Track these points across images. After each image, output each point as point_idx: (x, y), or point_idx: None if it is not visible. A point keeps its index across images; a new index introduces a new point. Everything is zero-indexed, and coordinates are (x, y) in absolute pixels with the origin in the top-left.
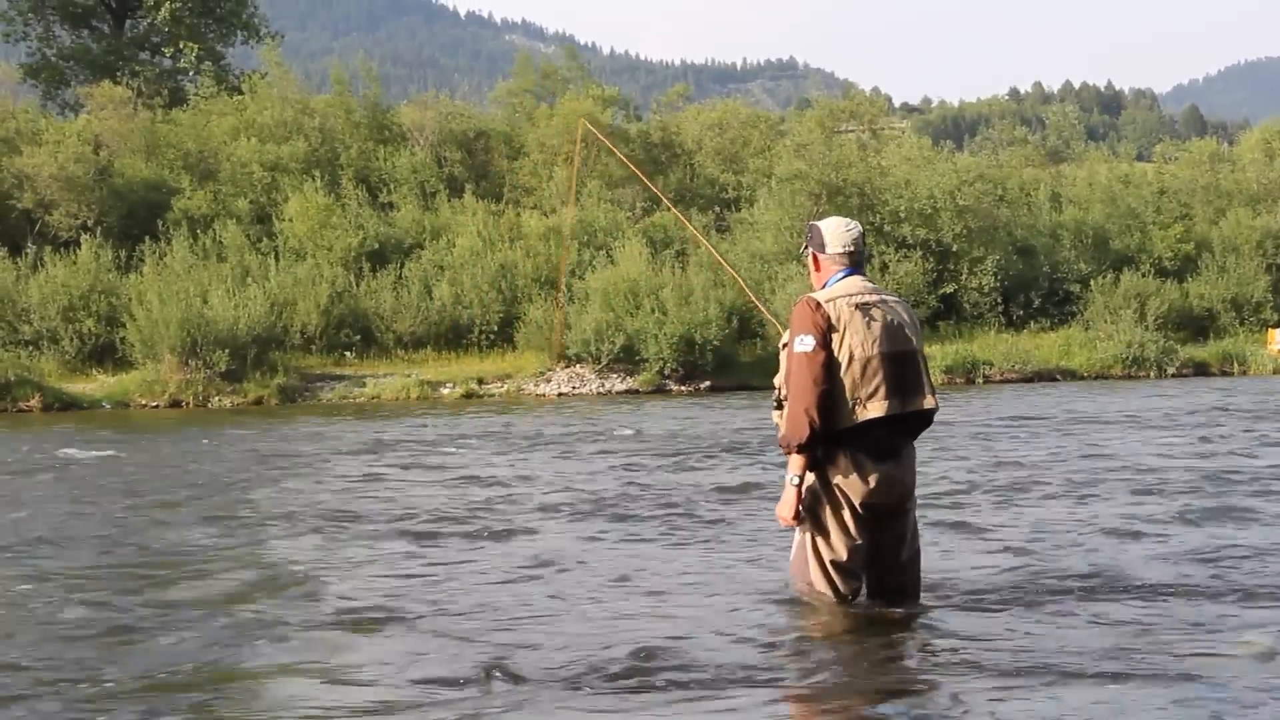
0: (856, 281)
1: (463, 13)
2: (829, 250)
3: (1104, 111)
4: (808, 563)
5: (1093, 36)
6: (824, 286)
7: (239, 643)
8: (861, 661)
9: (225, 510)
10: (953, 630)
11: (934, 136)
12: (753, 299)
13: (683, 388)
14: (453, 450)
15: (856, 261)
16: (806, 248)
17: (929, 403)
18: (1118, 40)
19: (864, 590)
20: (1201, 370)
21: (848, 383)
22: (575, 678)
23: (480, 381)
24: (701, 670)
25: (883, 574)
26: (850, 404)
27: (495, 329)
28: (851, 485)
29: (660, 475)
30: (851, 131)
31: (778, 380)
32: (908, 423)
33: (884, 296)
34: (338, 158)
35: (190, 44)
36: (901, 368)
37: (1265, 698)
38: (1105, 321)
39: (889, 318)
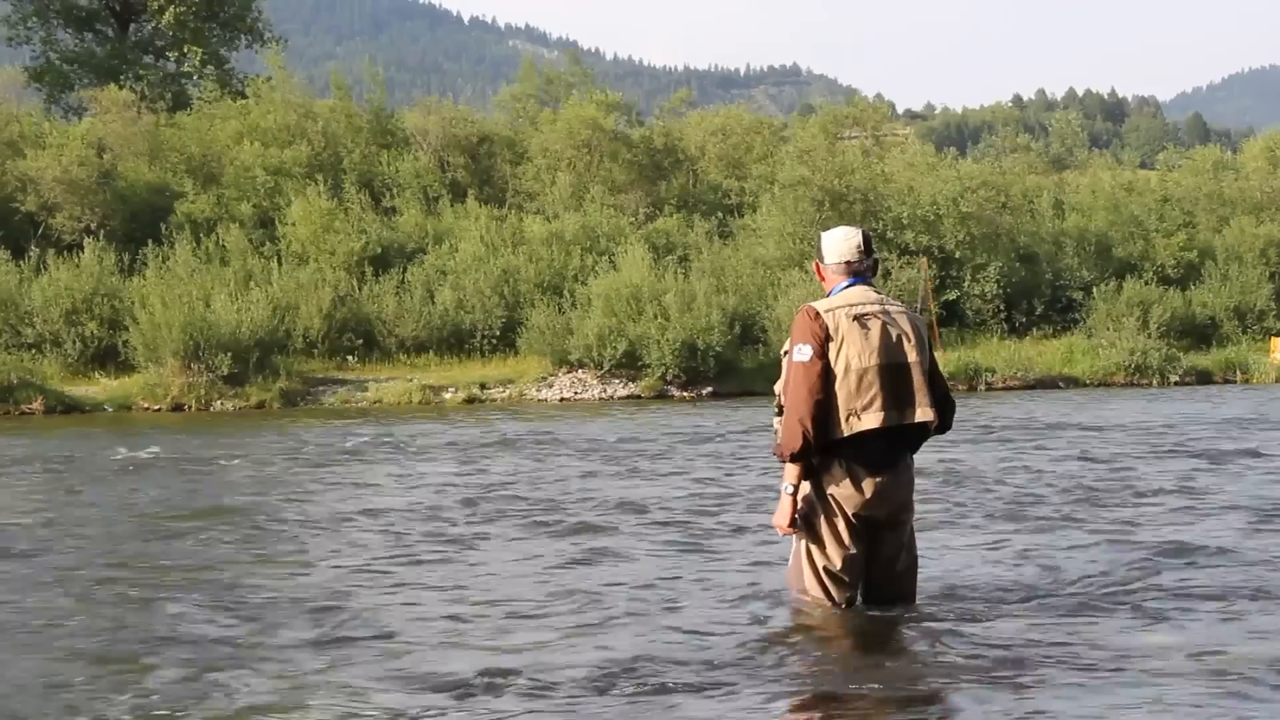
0: (859, 291)
1: (466, 18)
2: (828, 261)
3: (1107, 119)
4: (803, 570)
5: (1096, 44)
6: (829, 296)
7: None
8: (855, 667)
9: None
10: (949, 635)
11: (937, 143)
12: None
13: (684, 394)
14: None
15: (857, 271)
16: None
17: (924, 415)
18: (1121, 48)
19: (860, 598)
20: (1204, 379)
21: (843, 393)
22: (570, 682)
23: (482, 386)
24: (695, 675)
25: (878, 583)
26: (845, 415)
27: (497, 334)
28: (846, 495)
29: (657, 480)
30: (855, 138)
31: (778, 388)
32: (904, 435)
33: (886, 307)
34: (341, 162)
35: (194, 48)
36: (898, 380)
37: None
38: (1108, 329)
39: (887, 329)
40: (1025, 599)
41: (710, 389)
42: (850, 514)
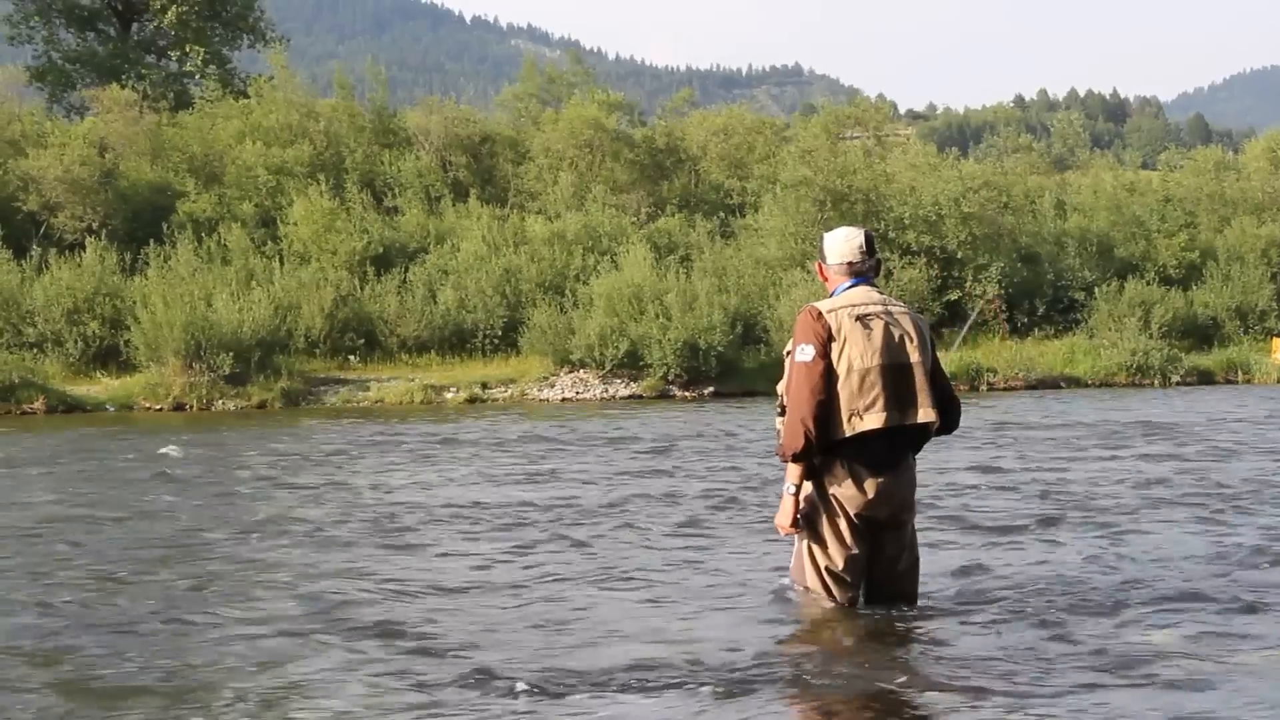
0: (862, 292)
1: (468, 17)
2: (830, 262)
3: (1109, 119)
4: (805, 570)
5: (1098, 44)
6: (832, 296)
7: (233, 649)
8: (856, 667)
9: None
10: (950, 637)
11: (939, 143)
12: None
13: (686, 393)
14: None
15: (859, 272)
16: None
17: (926, 416)
18: (1123, 48)
19: (862, 599)
20: (1206, 379)
21: (845, 393)
22: (573, 682)
23: (484, 386)
24: (696, 675)
25: (880, 583)
26: (848, 415)
27: (499, 333)
28: (848, 496)
29: (657, 479)
30: (856, 138)
31: (780, 388)
32: (906, 435)
33: (889, 307)
34: (343, 161)
35: (196, 47)
36: (899, 380)
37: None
38: (1109, 329)
39: (890, 329)
40: (1035, 600)
41: (712, 389)
42: (852, 514)
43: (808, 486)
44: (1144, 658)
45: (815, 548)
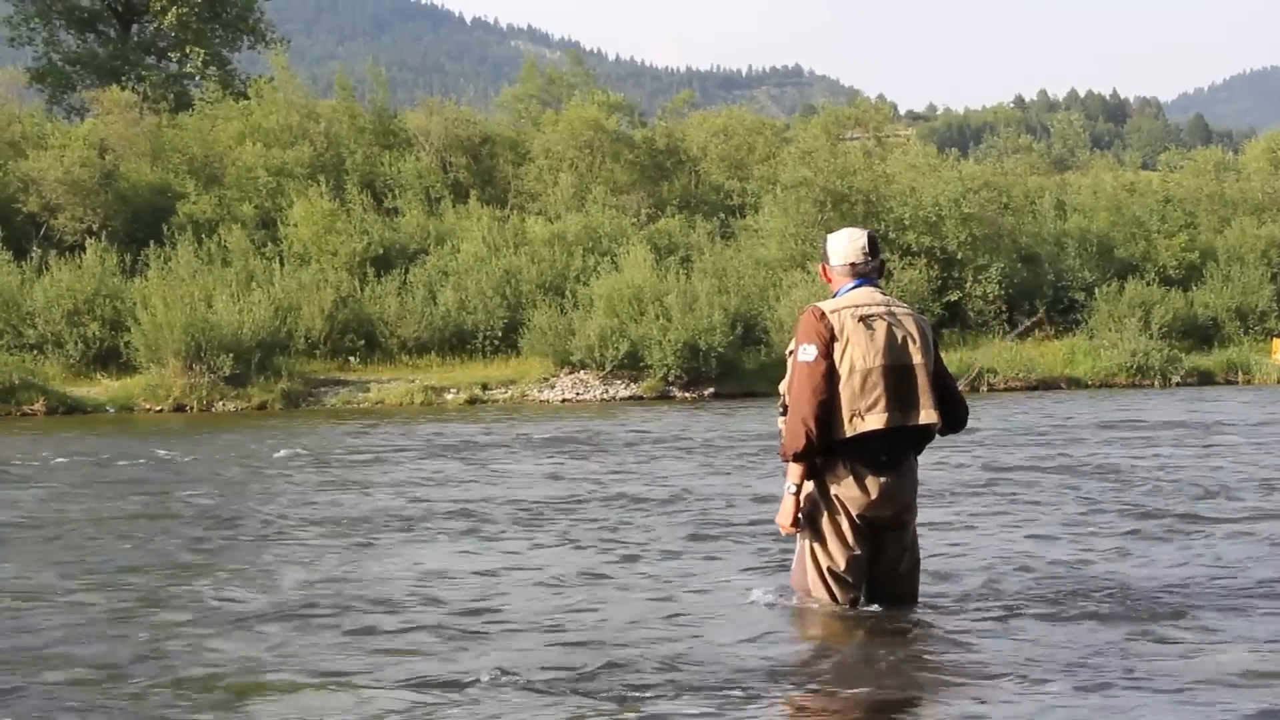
0: (865, 293)
1: (468, 18)
2: (833, 263)
3: (1109, 120)
4: (806, 571)
5: (1098, 45)
6: (835, 297)
7: (237, 646)
8: (858, 669)
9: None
10: (951, 638)
11: (939, 144)
12: None
13: (686, 394)
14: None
15: (862, 273)
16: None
17: (928, 418)
18: (1123, 49)
19: (863, 599)
20: (1206, 379)
21: (847, 394)
22: (574, 683)
23: (484, 387)
24: (697, 675)
25: (881, 584)
26: (849, 415)
27: (499, 335)
28: (850, 496)
29: (659, 480)
30: (857, 139)
31: (782, 387)
32: (908, 436)
33: (892, 308)
34: (343, 163)
35: (196, 49)
36: (901, 381)
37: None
38: (1110, 330)
39: (893, 330)
40: (1039, 602)
41: (712, 390)
42: (854, 515)
43: (809, 486)
44: (1147, 659)
45: (816, 548)
